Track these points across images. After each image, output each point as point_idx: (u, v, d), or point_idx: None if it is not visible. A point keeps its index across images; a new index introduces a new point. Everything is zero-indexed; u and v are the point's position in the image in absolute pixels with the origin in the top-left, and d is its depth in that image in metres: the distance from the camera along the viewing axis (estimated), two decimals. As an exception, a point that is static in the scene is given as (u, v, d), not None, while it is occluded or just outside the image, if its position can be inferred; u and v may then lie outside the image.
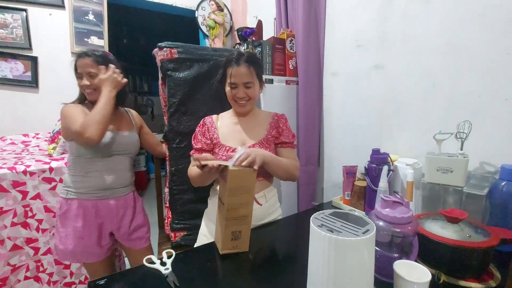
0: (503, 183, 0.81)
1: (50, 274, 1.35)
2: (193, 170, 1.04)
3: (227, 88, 1.04)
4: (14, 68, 1.91)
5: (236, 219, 0.83)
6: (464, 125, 0.89)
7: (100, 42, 2.17)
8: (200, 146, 1.05)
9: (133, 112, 1.36)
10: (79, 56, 1.15)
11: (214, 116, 1.12)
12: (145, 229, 1.29)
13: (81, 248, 1.13)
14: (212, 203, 1.08)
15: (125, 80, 1.19)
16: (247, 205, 0.83)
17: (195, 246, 1.08)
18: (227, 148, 1.01)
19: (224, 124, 1.09)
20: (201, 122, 1.11)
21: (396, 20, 1.20)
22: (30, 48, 1.95)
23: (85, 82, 1.14)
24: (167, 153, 1.33)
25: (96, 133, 1.04)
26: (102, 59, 1.16)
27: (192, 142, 1.09)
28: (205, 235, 1.07)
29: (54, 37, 2.03)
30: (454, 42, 1.01)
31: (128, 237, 1.24)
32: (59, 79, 2.06)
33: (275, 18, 1.90)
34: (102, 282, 0.70)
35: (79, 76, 1.16)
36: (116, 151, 1.18)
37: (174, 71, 1.26)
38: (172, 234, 1.32)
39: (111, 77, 1.13)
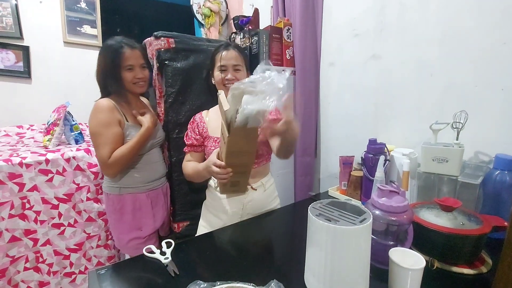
0: (496, 172, 0.82)
1: (50, 265, 1.36)
2: (188, 167, 1.06)
3: (216, 73, 1.05)
4: (5, 58, 1.86)
5: (235, 172, 0.86)
6: (460, 115, 0.90)
7: (93, 31, 2.12)
8: (191, 142, 1.08)
9: (146, 101, 1.36)
10: (128, 47, 1.12)
11: (204, 112, 1.14)
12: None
13: (141, 239, 1.22)
14: (210, 194, 1.09)
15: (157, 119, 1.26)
16: (246, 165, 0.88)
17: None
18: (215, 138, 1.03)
19: (212, 118, 1.10)
20: (192, 119, 1.13)
21: (393, 9, 1.18)
22: (21, 37, 1.90)
23: (141, 74, 1.15)
24: (167, 144, 1.33)
25: (115, 173, 1.14)
26: (145, 52, 1.20)
27: (184, 139, 1.11)
28: (205, 226, 1.08)
29: (45, 26, 1.98)
30: (451, 32, 1.01)
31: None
32: (52, 69, 2.02)
33: (271, 6, 1.87)
34: (102, 271, 0.71)
35: (128, 68, 1.13)
36: (155, 144, 1.25)
37: (172, 60, 1.25)
38: (175, 225, 1.33)
39: (152, 118, 1.18)
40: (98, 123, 1.10)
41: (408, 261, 0.56)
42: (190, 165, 1.06)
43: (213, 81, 1.09)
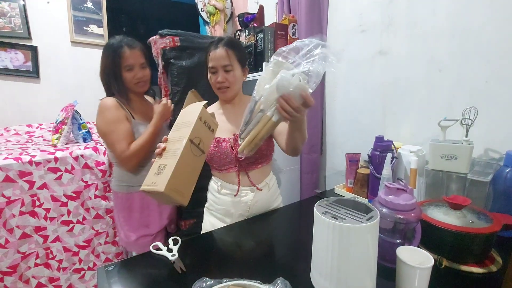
0: (507, 170, 0.80)
1: (60, 261, 1.38)
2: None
3: (209, 75, 1.00)
4: (14, 58, 1.89)
5: (167, 152, 0.72)
6: (470, 111, 0.88)
7: (100, 31, 2.14)
8: None
9: (151, 100, 1.38)
10: (127, 47, 1.12)
11: None
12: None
13: (149, 236, 1.25)
14: (213, 197, 1.07)
15: (172, 106, 1.23)
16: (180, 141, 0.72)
17: None
18: (217, 139, 0.98)
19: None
20: None
21: (401, 2, 1.16)
22: (29, 37, 1.93)
23: (140, 74, 1.16)
24: None
25: (134, 166, 1.15)
26: (147, 50, 1.19)
27: None
28: (207, 230, 1.07)
29: (53, 26, 2.00)
30: (461, 26, 0.99)
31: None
32: (60, 68, 2.05)
33: (276, 3, 1.85)
34: (111, 268, 0.72)
35: (128, 68, 1.14)
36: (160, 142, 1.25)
37: (177, 59, 1.24)
38: (182, 223, 1.34)
39: (165, 106, 1.17)
40: (107, 121, 1.11)
41: (416, 259, 0.56)
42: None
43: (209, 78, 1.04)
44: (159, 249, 0.77)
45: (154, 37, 1.27)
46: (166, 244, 0.80)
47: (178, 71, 1.25)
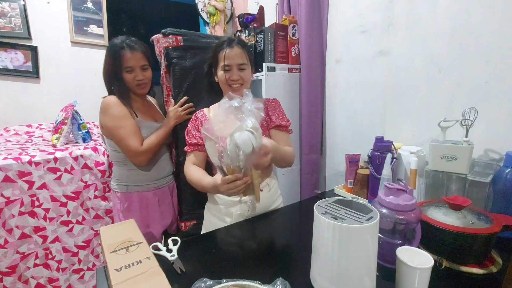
0: (507, 170, 0.80)
1: (59, 261, 1.38)
2: (193, 175, 0.99)
3: (220, 72, 1.00)
4: (14, 58, 1.89)
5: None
6: (470, 112, 0.88)
7: (100, 31, 2.14)
8: (196, 141, 1.02)
9: (153, 100, 1.38)
10: (128, 48, 1.13)
11: (205, 109, 1.09)
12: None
13: (149, 236, 1.24)
14: (213, 197, 1.06)
15: (188, 116, 1.23)
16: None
17: None
18: (218, 138, 0.99)
19: (215, 115, 1.04)
20: (193, 117, 1.08)
21: (401, 3, 1.16)
22: (29, 37, 1.93)
23: (140, 76, 1.17)
24: (174, 143, 1.33)
25: (146, 161, 1.17)
26: (149, 51, 1.21)
27: (186, 137, 1.05)
28: (208, 229, 1.07)
29: (53, 26, 2.00)
30: (461, 26, 0.99)
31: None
32: (60, 69, 2.05)
33: (277, 4, 1.86)
34: (110, 268, 0.72)
35: (128, 70, 1.14)
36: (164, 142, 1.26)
37: (180, 59, 1.22)
38: (182, 224, 1.34)
39: (178, 111, 1.20)
40: (115, 117, 1.11)
41: (416, 260, 0.55)
42: (195, 174, 0.99)
43: (216, 80, 1.05)
44: (159, 249, 0.77)
45: (157, 35, 1.25)
46: (165, 244, 0.79)
47: (180, 72, 1.23)
